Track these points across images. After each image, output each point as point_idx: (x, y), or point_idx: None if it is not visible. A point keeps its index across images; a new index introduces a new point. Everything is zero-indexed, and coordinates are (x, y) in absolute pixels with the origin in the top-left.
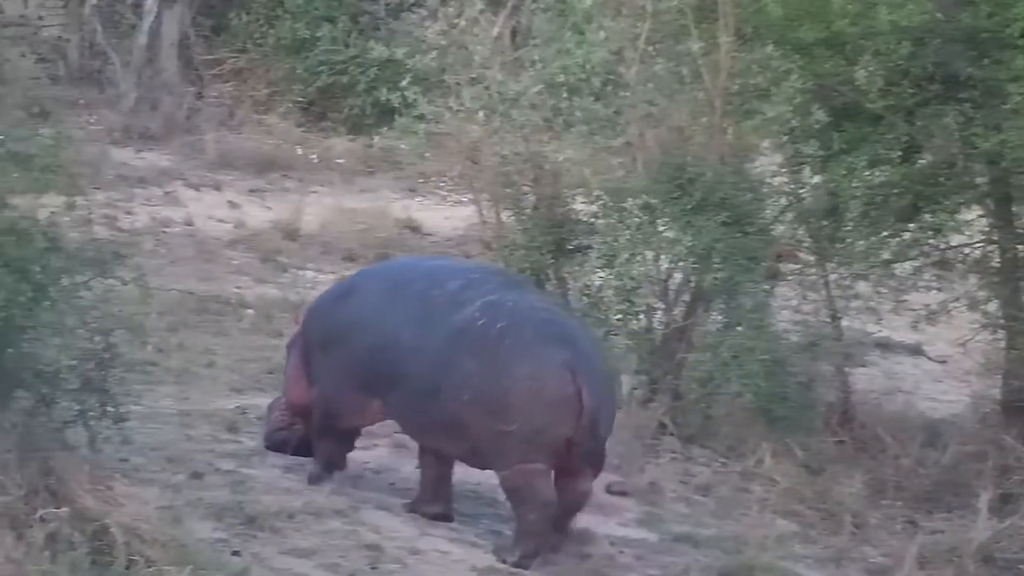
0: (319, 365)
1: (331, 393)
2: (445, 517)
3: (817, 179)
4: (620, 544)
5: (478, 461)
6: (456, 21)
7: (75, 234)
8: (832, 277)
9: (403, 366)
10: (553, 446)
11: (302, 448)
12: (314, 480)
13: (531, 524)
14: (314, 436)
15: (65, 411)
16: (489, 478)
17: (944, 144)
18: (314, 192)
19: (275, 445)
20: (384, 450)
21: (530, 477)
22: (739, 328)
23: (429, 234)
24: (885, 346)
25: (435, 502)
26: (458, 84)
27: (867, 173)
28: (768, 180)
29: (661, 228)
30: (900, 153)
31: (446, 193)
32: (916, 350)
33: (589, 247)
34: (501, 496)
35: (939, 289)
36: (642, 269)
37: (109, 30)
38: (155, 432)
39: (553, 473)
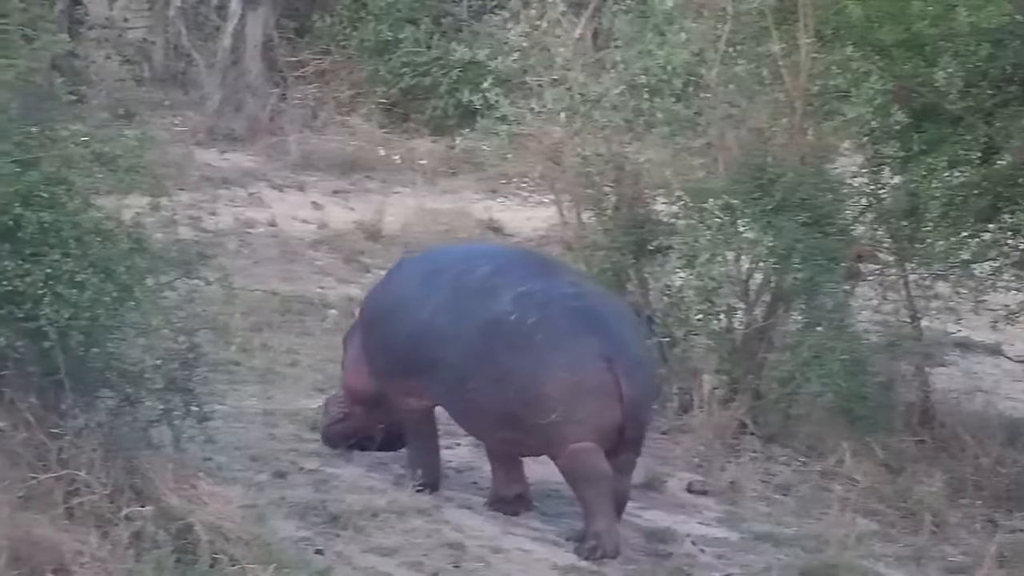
0: (368, 348)
1: (379, 376)
2: (523, 499)
3: (897, 180)
4: (701, 543)
5: (518, 449)
6: (538, 23)
7: (160, 235)
8: (912, 277)
9: (438, 353)
10: (601, 433)
11: (360, 439)
12: (422, 487)
13: (593, 501)
14: (406, 438)
15: (150, 410)
16: None
17: (1023, 145)
18: (396, 193)
19: (332, 439)
20: (466, 449)
21: (581, 455)
22: (819, 328)
23: (510, 235)
24: (964, 346)
25: (510, 485)
26: (540, 85)
27: (946, 174)
28: (848, 181)
29: (742, 229)
30: (979, 154)
31: (527, 194)
32: (995, 350)
33: (670, 247)
34: None
35: (1018, 289)
36: (723, 269)
37: (193, 32)
38: (239, 431)
39: None
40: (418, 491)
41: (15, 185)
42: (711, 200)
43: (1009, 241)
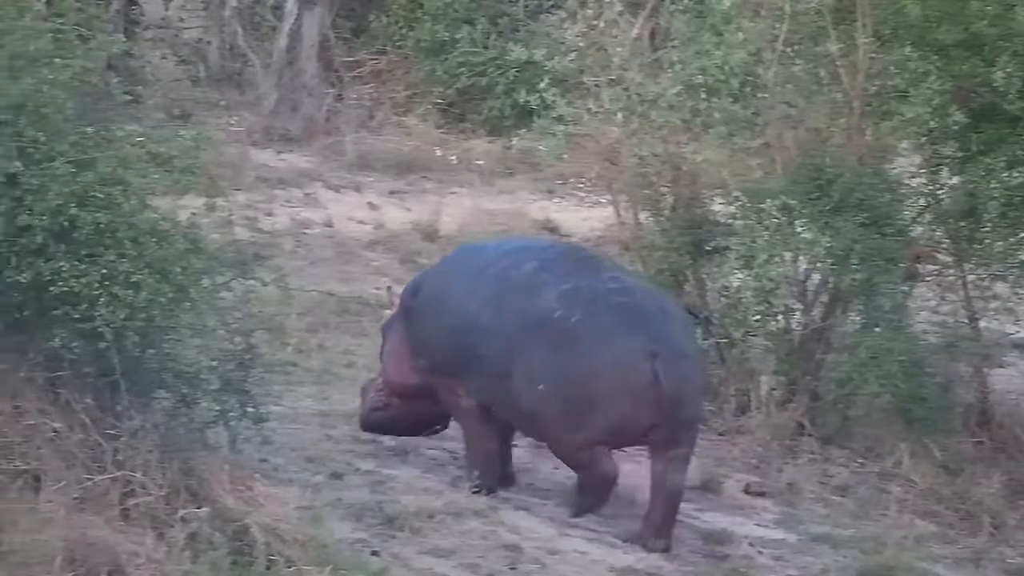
0: (411, 343)
1: (423, 372)
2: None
3: (955, 180)
4: (759, 544)
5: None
6: (595, 23)
7: (216, 235)
8: (970, 278)
9: (482, 349)
10: (632, 433)
11: (398, 428)
12: (478, 488)
13: (592, 492)
14: (465, 441)
15: (206, 411)
16: (627, 478)
17: None
18: (453, 193)
19: (371, 426)
20: (522, 450)
21: (597, 456)
22: (877, 329)
23: (567, 235)
24: (1023, 347)
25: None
26: (597, 85)
27: (1005, 174)
28: (906, 181)
29: (799, 229)
30: None
31: (584, 194)
32: None
33: (727, 248)
34: (640, 497)
35: None
36: (780, 270)
37: (249, 32)
38: (295, 432)
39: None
40: (475, 492)
41: (71, 186)
42: (769, 200)
43: None
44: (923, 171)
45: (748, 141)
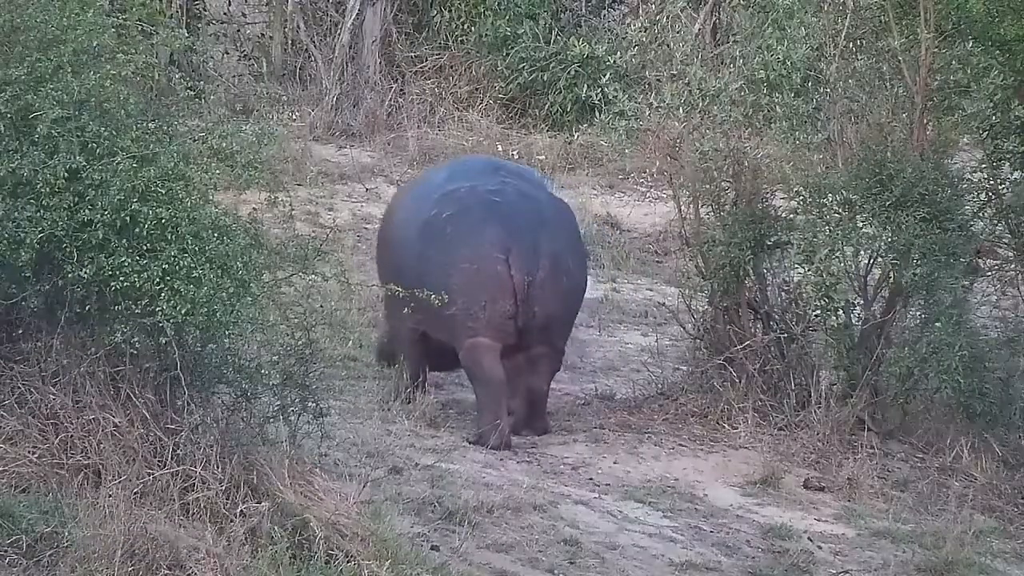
0: None
1: None
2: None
3: (1017, 175)
4: (818, 539)
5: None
6: (657, 17)
7: (277, 230)
8: None
9: (399, 261)
10: (496, 323)
11: None
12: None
13: (481, 398)
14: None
15: (266, 406)
16: (687, 473)
17: None
18: None
19: None
20: (583, 445)
21: (475, 351)
22: (938, 324)
23: (628, 230)
24: None
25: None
26: (659, 80)
27: None
28: (968, 176)
29: (860, 224)
30: None
31: (646, 189)
32: None
33: (788, 243)
34: (699, 491)
35: None
36: (841, 265)
37: (312, 27)
38: (355, 427)
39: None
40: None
41: (133, 181)
42: (830, 195)
43: None
44: (985, 166)
45: (810, 136)
